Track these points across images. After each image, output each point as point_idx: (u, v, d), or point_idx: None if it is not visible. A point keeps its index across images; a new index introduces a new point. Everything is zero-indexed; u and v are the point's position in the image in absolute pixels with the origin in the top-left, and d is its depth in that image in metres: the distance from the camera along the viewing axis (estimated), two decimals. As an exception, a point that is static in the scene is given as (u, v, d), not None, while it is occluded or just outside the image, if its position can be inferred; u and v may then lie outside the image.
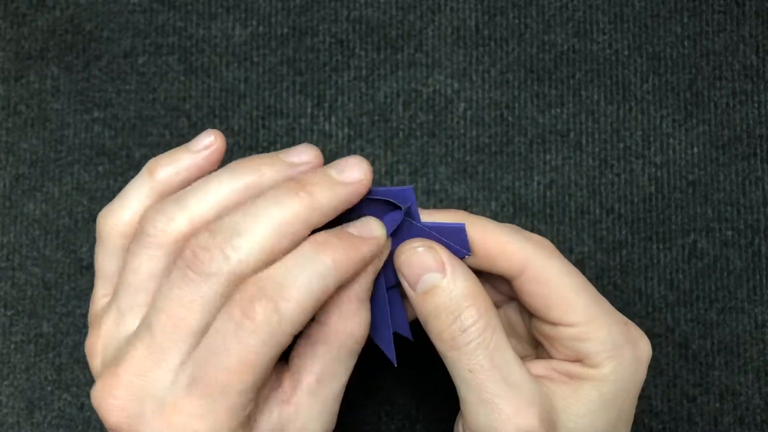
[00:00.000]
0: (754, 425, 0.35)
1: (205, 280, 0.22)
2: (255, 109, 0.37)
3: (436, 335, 0.25)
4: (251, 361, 0.22)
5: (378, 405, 0.35)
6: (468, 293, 0.25)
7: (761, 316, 0.36)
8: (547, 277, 0.26)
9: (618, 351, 0.26)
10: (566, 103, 0.37)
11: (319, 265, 0.23)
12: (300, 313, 0.23)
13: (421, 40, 0.37)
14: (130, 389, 0.23)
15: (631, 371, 0.26)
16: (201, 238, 0.23)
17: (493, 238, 0.26)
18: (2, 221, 0.36)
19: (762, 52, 0.37)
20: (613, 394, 0.26)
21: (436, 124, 0.36)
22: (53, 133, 0.37)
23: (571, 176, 0.36)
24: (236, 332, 0.22)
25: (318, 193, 0.24)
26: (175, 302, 0.23)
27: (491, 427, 0.24)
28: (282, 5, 0.37)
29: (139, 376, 0.23)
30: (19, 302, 0.36)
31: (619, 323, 0.26)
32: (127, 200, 0.26)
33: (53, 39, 0.37)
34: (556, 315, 0.26)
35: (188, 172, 0.26)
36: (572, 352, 0.26)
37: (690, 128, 0.37)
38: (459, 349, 0.25)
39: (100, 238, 0.26)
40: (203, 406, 0.22)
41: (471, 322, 0.25)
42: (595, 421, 0.26)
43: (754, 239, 0.36)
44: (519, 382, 0.25)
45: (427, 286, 0.25)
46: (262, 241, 0.23)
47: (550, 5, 0.37)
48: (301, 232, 0.23)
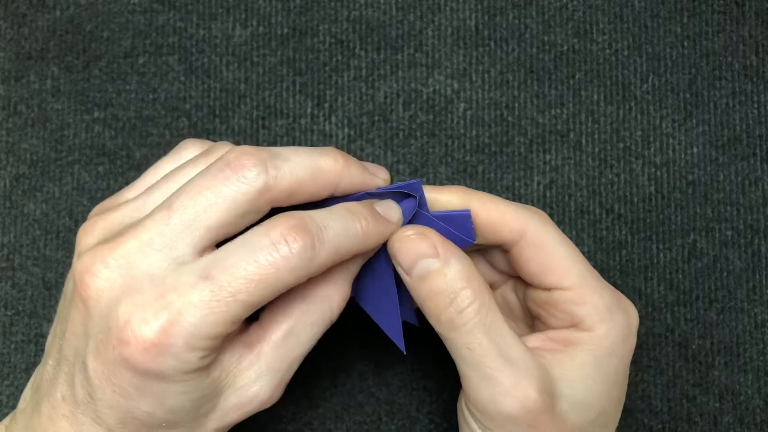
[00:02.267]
0: (753, 425, 0.35)
1: (239, 179, 0.23)
2: (255, 109, 0.37)
3: (434, 318, 0.26)
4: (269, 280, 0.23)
5: (378, 405, 0.35)
6: (462, 275, 0.26)
7: (761, 316, 0.36)
8: (543, 242, 0.27)
9: (611, 314, 0.27)
10: (566, 103, 0.37)
11: (351, 228, 0.25)
12: (326, 260, 0.24)
13: (421, 40, 0.37)
14: (127, 261, 0.23)
15: (623, 335, 0.27)
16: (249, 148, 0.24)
17: (494, 207, 0.27)
18: (2, 221, 0.36)
19: (762, 52, 0.37)
20: (606, 358, 0.27)
21: (436, 124, 0.36)
22: (53, 133, 0.37)
23: (571, 176, 0.36)
24: (269, 250, 0.23)
25: (353, 166, 0.26)
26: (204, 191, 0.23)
27: (492, 400, 0.25)
28: (282, 5, 0.37)
29: (142, 252, 0.23)
30: (19, 302, 0.36)
31: (609, 290, 0.28)
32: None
33: (53, 39, 0.37)
34: (552, 279, 0.27)
35: None
36: (567, 316, 0.27)
37: (690, 128, 0.37)
38: (457, 330, 0.25)
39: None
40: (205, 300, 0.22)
41: (467, 303, 0.25)
42: (590, 386, 0.26)
43: (754, 239, 0.36)
44: (516, 357, 0.25)
45: (423, 272, 0.26)
46: (298, 173, 0.24)
47: (550, 5, 0.37)
48: (328, 186, 0.25)
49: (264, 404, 0.25)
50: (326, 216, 0.24)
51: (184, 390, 0.23)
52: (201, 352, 0.23)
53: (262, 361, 0.25)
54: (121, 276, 0.23)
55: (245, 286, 0.23)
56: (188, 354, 0.22)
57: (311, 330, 0.25)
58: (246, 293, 0.23)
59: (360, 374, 0.35)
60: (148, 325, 0.22)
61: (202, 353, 0.23)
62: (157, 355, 0.22)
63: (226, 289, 0.22)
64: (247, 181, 0.23)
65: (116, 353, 0.22)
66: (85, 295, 0.23)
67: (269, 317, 0.25)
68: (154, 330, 0.22)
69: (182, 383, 0.23)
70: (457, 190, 0.28)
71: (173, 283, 0.23)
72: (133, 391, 0.23)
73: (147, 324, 0.22)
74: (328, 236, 0.24)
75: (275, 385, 0.25)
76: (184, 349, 0.22)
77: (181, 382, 0.23)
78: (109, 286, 0.23)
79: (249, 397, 0.25)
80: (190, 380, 0.23)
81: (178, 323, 0.22)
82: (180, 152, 0.27)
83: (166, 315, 0.22)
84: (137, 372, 0.22)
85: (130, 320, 0.22)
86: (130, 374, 0.23)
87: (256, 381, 0.25)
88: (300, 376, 0.35)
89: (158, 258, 0.23)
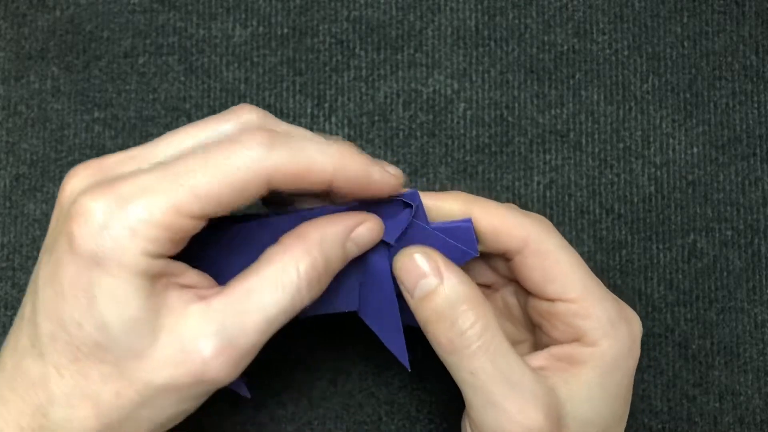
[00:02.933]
0: (753, 425, 0.35)
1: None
2: (255, 109, 0.37)
3: (435, 340, 0.26)
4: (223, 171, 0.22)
5: (378, 405, 0.35)
6: (464, 297, 0.25)
7: (761, 316, 0.36)
8: (546, 251, 0.26)
9: (614, 328, 0.26)
10: (566, 103, 0.37)
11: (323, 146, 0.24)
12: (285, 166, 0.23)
13: (421, 40, 0.37)
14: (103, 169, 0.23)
15: (627, 348, 0.26)
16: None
17: (496, 214, 0.27)
18: (2, 221, 0.36)
19: (762, 52, 0.37)
20: (610, 373, 0.26)
21: (436, 124, 0.36)
22: (53, 133, 0.37)
23: (570, 176, 0.36)
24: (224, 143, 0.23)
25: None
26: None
27: (498, 426, 0.25)
28: (282, 5, 0.37)
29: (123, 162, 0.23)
30: (19, 302, 0.36)
31: (612, 300, 0.27)
32: None
33: (53, 39, 0.37)
34: (555, 290, 0.26)
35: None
36: (570, 328, 0.26)
37: (690, 128, 0.37)
38: (459, 352, 0.25)
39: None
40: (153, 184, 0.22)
41: (468, 324, 0.25)
42: (596, 404, 0.26)
43: (754, 239, 0.36)
44: (521, 381, 0.25)
45: (424, 292, 0.25)
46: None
47: (550, 5, 0.37)
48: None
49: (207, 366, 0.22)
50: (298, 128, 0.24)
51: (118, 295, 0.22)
52: (143, 242, 0.21)
53: (212, 313, 0.22)
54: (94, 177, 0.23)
55: (193, 171, 0.22)
56: (129, 240, 0.21)
57: (273, 294, 0.23)
58: (193, 178, 0.22)
59: (360, 374, 0.35)
60: (95, 202, 0.22)
61: (144, 244, 0.21)
62: (98, 233, 0.21)
63: (175, 173, 0.22)
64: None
65: (63, 232, 0.22)
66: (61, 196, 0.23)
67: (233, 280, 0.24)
68: (98, 206, 0.21)
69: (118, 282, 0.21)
70: (457, 196, 0.27)
71: (131, 173, 0.22)
72: (69, 286, 0.22)
73: (95, 201, 0.22)
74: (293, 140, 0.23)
75: (223, 344, 0.22)
76: (125, 233, 0.21)
77: (117, 280, 0.21)
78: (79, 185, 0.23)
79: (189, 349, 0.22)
80: (126, 283, 0.21)
81: (122, 204, 0.21)
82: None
83: (114, 196, 0.22)
84: (76, 252, 0.21)
85: (82, 198, 0.22)
86: (70, 256, 0.22)
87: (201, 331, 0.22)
88: (300, 376, 0.35)
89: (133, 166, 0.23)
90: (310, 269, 0.24)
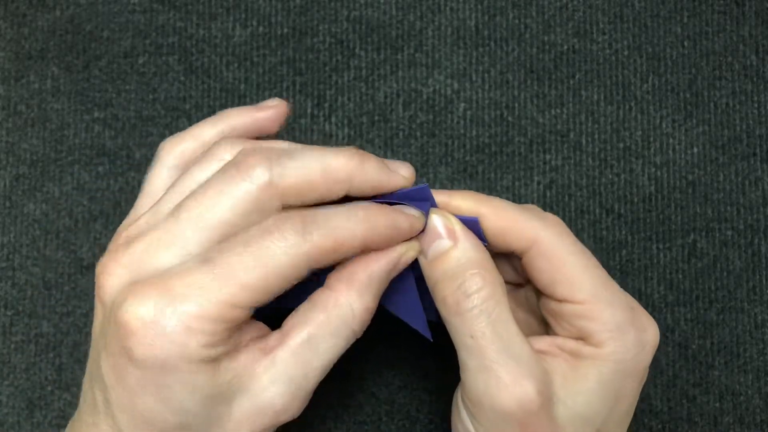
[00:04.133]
0: (753, 425, 0.35)
1: (244, 179, 0.24)
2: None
3: (441, 300, 0.26)
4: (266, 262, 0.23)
5: (378, 405, 0.35)
6: (475, 262, 0.26)
7: (761, 316, 0.36)
8: (554, 253, 0.27)
9: (621, 333, 0.26)
10: (566, 103, 0.37)
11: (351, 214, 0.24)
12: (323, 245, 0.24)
13: (421, 40, 0.37)
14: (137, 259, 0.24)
15: (632, 354, 0.26)
16: (257, 148, 0.25)
17: (505, 214, 0.27)
18: (2, 221, 0.36)
19: (762, 52, 0.37)
20: (612, 376, 0.26)
21: (436, 124, 0.36)
22: (53, 133, 0.37)
23: (571, 176, 0.36)
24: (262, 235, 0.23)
25: (368, 163, 0.25)
26: (209, 191, 0.24)
27: (489, 394, 0.25)
28: (282, 5, 0.37)
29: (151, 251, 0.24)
30: (19, 302, 0.36)
31: (625, 307, 0.27)
32: (192, 132, 0.29)
33: (53, 39, 0.37)
34: (562, 291, 0.27)
35: (250, 124, 0.29)
36: (576, 329, 0.27)
37: (690, 128, 0.37)
38: (462, 314, 0.25)
39: (158, 157, 0.28)
40: (203, 282, 0.22)
41: (475, 288, 0.25)
42: (591, 400, 0.26)
43: (754, 239, 0.36)
44: (519, 354, 0.25)
45: (437, 252, 0.26)
46: (306, 171, 0.24)
47: (550, 5, 0.37)
48: (341, 183, 0.25)
49: (279, 414, 0.24)
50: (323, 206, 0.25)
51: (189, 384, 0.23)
52: (201, 337, 0.22)
53: (278, 366, 0.24)
54: (130, 272, 0.24)
55: (243, 269, 0.23)
56: (187, 338, 0.22)
57: (331, 340, 0.25)
58: (244, 276, 0.23)
59: (360, 374, 0.35)
60: (144, 307, 0.22)
61: (203, 339, 0.22)
62: (155, 339, 0.22)
63: (224, 270, 0.23)
64: (251, 179, 0.24)
65: (119, 343, 0.23)
66: (101, 295, 0.24)
67: (289, 325, 0.25)
68: (148, 312, 0.22)
69: (186, 375, 0.23)
70: (468, 194, 0.28)
71: (176, 271, 0.23)
72: (139, 387, 0.23)
73: (144, 306, 0.22)
74: (323, 219, 0.24)
75: (291, 393, 0.24)
76: (183, 332, 0.22)
77: (185, 374, 0.22)
78: (119, 282, 0.24)
79: (263, 405, 0.24)
80: (194, 373, 0.23)
81: (174, 304, 0.22)
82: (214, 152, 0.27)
83: (161, 298, 0.22)
84: (138, 362, 0.22)
85: (130, 305, 0.22)
86: (133, 366, 0.22)
87: (271, 386, 0.24)
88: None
89: (167, 254, 0.24)
90: (363, 312, 0.25)
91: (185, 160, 0.28)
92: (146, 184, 0.28)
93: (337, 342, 0.25)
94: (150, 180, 0.28)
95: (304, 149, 0.25)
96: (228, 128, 0.29)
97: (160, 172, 0.28)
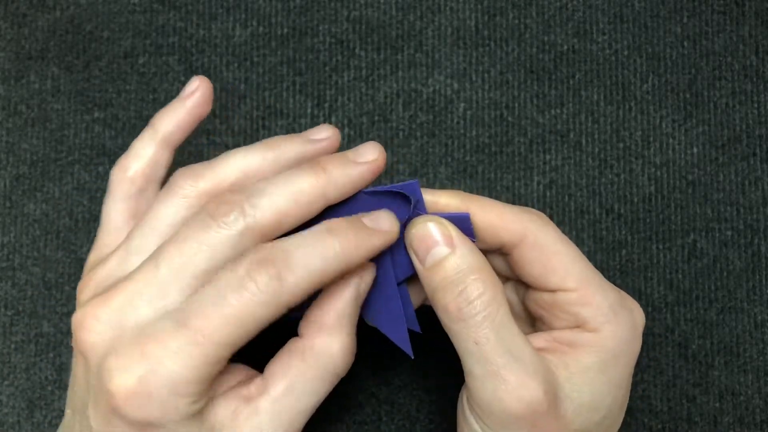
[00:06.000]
0: (753, 425, 0.35)
1: (221, 227, 0.24)
2: (255, 109, 0.37)
3: (442, 308, 0.26)
4: (242, 317, 0.23)
5: (378, 405, 0.35)
6: (474, 267, 0.26)
7: (761, 316, 0.36)
8: (544, 243, 0.27)
9: (615, 315, 0.27)
10: (566, 103, 0.37)
11: (327, 248, 0.24)
12: (300, 287, 0.24)
13: (421, 40, 0.37)
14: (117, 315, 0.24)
15: (628, 336, 0.27)
16: (225, 194, 0.25)
17: (493, 210, 0.27)
18: (2, 221, 0.36)
19: (762, 52, 0.37)
20: (612, 359, 0.26)
21: (436, 124, 0.36)
22: (53, 133, 0.37)
23: (571, 176, 0.36)
24: (236, 288, 0.23)
25: (334, 170, 0.26)
26: (188, 242, 0.24)
27: (497, 398, 0.25)
28: (282, 5, 0.37)
29: (131, 305, 0.24)
30: (20, 302, 0.36)
31: (613, 289, 0.27)
32: (135, 152, 0.29)
33: (53, 39, 0.37)
34: (555, 281, 0.27)
35: (185, 119, 0.29)
36: (572, 317, 0.27)
37: (690, 128, 0.37)
38: (465, 321, 0.25)
39: (110, 189, 0.29)
40: (182, 346, 0.23)
41: (477, 294, 0.25)
42: (596, 388, 0.26)
43: (754, 239, 0.36)
44: (523, 355, 0.25)
45: (436, 260, 0.26)
46: (279, 204, 0.24)
47: (550, 5, 0.37)
48: (315, 203, 0.25)
49: None
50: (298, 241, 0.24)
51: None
52: (187, 398, 0.23)
53: (262, 416, 0.24)
54: (111, 329, 0.24)
55: (219, 328, 0.23)
56: (174, 401, 0.23)
57: (312, 384, 0.25)
58: (220, 334, 0.23)
59: (360, 374, 0.35)
60: (128, 375, 0.23)
61: (189, 399, 0.23)
62: (142, 404, 0.23)
63: (202, 333, 0.23)
64: (227, 226, 0.24)
65: (107, 405, 0.23)
66: (82, 350, 0.24)
67: (270, 372, 0.25)
68: (134, 380, 0.22)
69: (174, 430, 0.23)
70: (454, 193, 0.28)
71: (153, 332, 0.23)
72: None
73: (127, 373, 0.23)
74: (297, 262, 0.24)
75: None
76: (167, 396, 0.23)
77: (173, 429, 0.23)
78: (100, 339, 0.24)
79: None
80: (182, 427, 0.23)
81: (157, 371, 0.22)
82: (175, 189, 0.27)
83: (144, 365, 0.23)
84: (128, 422, 0.23)
85: (113, 372, 0.23)
86: (123, 424, 0.23)
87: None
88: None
89: (147, 309, 0.24)
90: (342, 351, 0.25)
91: (138, 186, 0.28)
92: (104, 218, 0.29)
93: (320, 386, 0.25)
94: (107, 213, 0.29)
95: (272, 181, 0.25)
96: (166, 135, 0.29)
97: (116, 205, 0.28)
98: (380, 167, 0.27)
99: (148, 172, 0.29)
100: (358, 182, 0.26)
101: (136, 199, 0.28)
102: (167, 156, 0.29)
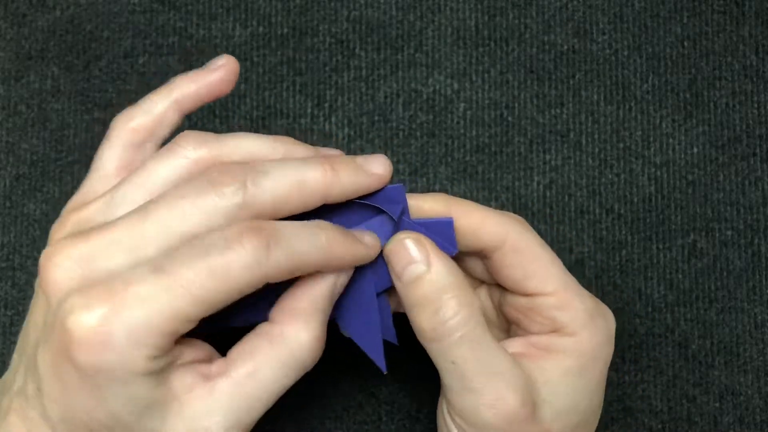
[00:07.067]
0: (753, 425, 0.35)
1: (219, 196, 0.23)
2: (255, 109, 0.37)
3: (419, 327, 0.26)
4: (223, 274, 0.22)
5: (378, 405, 0.35)
6: (450, 285, 0.26)
7: (761, 315, 0.36)
8: (525, 247, 0.27)
9: (592, 320, 0.27)
10: (566, 103, 0.37)
11: (315, 238, 0.24)
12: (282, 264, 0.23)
13: (421, 40, 0.37)
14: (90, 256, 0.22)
15: (603, 341, 0.27)
16: (231, 165, 0.24)
17: (475, 213, 0.27)
18: (2, 221, 0.36)
19: (762, 52, 0.37)
20: (589, 363, 0.27)
21: (436, 124, 0.36)
22: (53, 133, 0.37)
23: (570, 176, 0.36)
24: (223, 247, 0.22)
25: (342, 171, 0.25)
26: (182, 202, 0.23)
27: (475, 411, 0.25)
28: (282, 5, 0.37)
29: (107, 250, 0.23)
30: (20, 302, 0.36)
31: (589, 295, 0.28)
32: (146, 106, 0.27)
33: (53, 39, 0.37)
34: (535, 285, 0.27)
35: (203, 90, 0.28)
36: (549, 321, 0.27)
37: (690, 128, 0.37)
38: (440, 341, 0.25)
39: (109, 135, 0.27)
40: (152, 293, 0.21)
41: (452, 313, 0.25)
42: (573, 392, 0.27)
43: (754, 239, 0.36)
44: (500, 369, 0.25)
45: (412, 277, 0.26)
46: (280, 189, 0.24)
47: (550, 5, 0.37)
48: (315, 198, 0.25)
49: None
50: (289, 225, 0.24)
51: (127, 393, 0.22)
52: (147, 349, 0.21)
53: (217, 396, 0.23)
54: (80, 268, 0.22)
55: (196, 279, 0.22)
56: (132, 350, 0.21)
57: (277, 372, 0.24)
58: (197, 287, 0.22)
59: (360, 374, 0.35)
60: (89, 314, 0.21)
61: (147, 351, 0.21)
62: (97, 348, 0.21)
63: (176, 282, 0.22)
64: (225, 197, 0.23)
65: (60, 345, 0.22)
66: (46, 286, 0.23)
67: (234, 354, 0.24)
68: (94, 319, 0.21)
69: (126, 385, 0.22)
70: (438, 197, 0.28)
71: (126, 277, 0.22)
72: (75, 386, 0.22)
73: (89, 312, 0.21)
74: (286, 240, 0.23)
75: (229, 425, 0.23)
76: (127, 343, 0.21)
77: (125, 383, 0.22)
78: (67, 277, 0.22)
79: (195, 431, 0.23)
80: (134, 383, 0.22)
81: (121, 314, 0.21)
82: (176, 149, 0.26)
83: (108, 305, 0.21)
84: (79, 368, 0.22)
85: (75, 308, 0.21)
86: (73, 368, 0.22)
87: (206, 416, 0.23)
88: (300, 376, 0.35)
89: (122, 257, 0.23)
90: (312, 342, 0.24)
91: (139, 139, 0.27)
92: (96, 161, 0.27)
93: (285, 375, 0.24)
94: (101, 158, 0.27)
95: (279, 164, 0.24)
96: (180, 97, 0.27)
97: (112, 152, 0.27)
98: (385, 183, 0.26)
99: (151, 127, 0.27)
100: (361, 191, 0.26)
101: (134, 151, 0.27)
102: (175, 119, 0.28)
